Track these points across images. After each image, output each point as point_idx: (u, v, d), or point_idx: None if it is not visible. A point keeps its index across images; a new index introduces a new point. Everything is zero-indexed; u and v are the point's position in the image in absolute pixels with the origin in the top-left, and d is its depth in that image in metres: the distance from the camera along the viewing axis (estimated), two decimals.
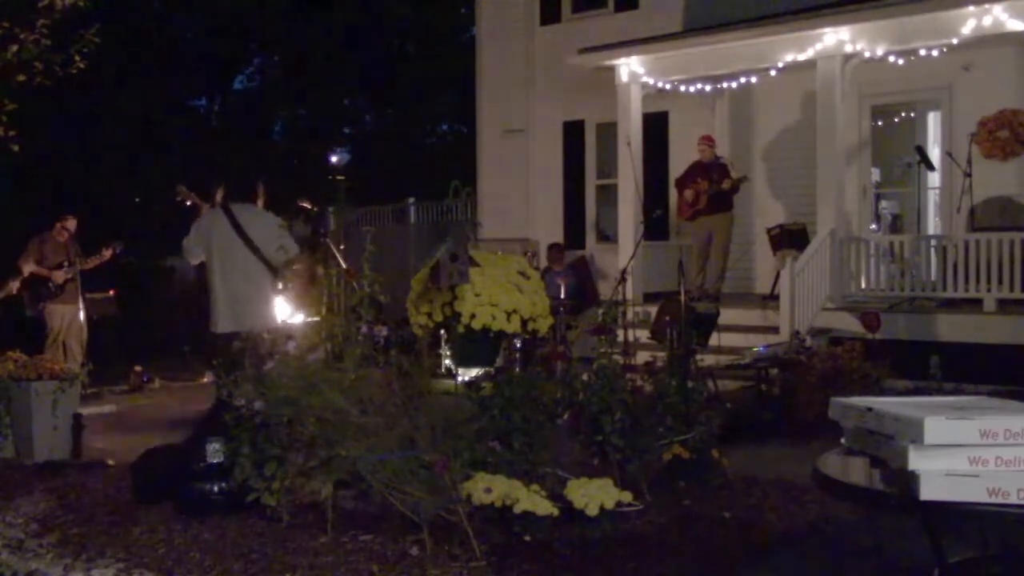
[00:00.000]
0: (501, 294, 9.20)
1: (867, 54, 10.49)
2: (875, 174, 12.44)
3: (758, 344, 9.05)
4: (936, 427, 2.64)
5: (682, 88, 12.42)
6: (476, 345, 9.27)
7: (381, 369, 5.28)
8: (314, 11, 26.74)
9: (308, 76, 27.60)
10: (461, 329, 9.17)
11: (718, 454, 5.88)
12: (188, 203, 7.62)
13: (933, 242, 10.41)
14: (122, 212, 20.53)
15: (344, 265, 8.55)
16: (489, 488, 4.81)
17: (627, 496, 5.05)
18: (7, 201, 18.13)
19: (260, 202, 6.80)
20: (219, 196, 6.80)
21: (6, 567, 4.88)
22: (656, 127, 13.15)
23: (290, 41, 27.55)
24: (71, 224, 10.38)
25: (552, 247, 12.77)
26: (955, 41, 9.95)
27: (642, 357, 8.47)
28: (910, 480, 2.65)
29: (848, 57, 10.56)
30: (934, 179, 11.72)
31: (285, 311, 7.54)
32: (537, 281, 9.91)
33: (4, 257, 10.66)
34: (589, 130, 14.46)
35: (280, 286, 6.77)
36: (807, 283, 10.11)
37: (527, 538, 4.76)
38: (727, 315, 9.87)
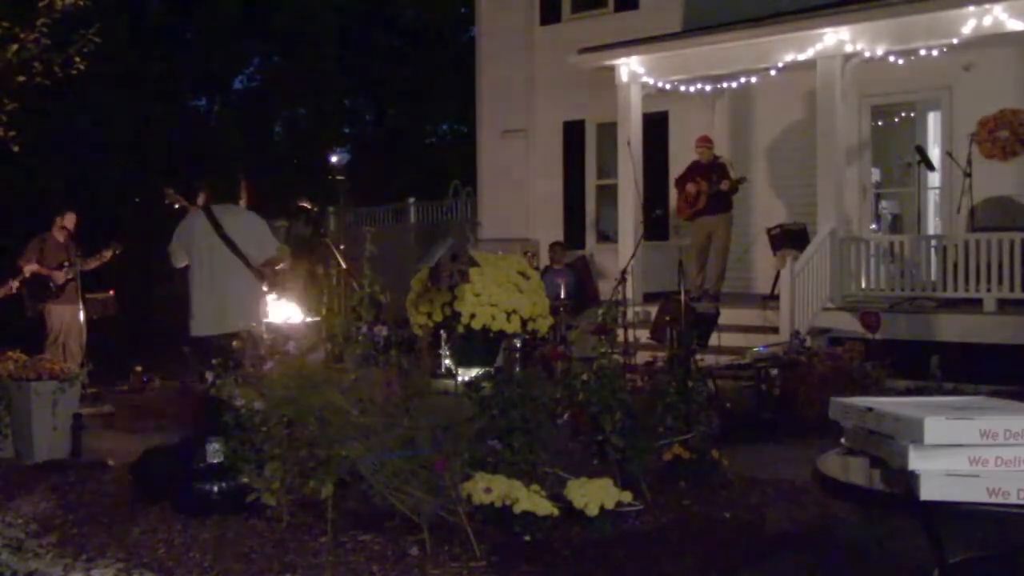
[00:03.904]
0: (501, 294, 9.19)
1: (867, 54, 10.49)
2: (875, 174, 12.44)
3: (758, 344, 9.05)
4: (936, 427, 2.63)
5: (682, 88, 12.42)
6: (476, 345, 9.26)
7: (381, 369, 5.28)
8: (314, 11, 26.76)
9: (308, 76, 27.61)
10: (461, 329, 9.16)
11: (718, 454, 5.88)
12: (176, 206, 7.59)
13: (933, 242, 10.41)
14: (122, 212, 20.55)
15: (344, 265, 8.56)
16: (489, 488, 4.81)
17: (627, 496, 5.05)
18: (6, 201, 18.14)
19: (243, 202, 6.73)
20: (202, 198, 6.75)
21: (6, 567, 4.88)
22: (656, 127, 13.15)
23: (290, 41, 27.57)
24: (70, 221, 10.37)
25: (553, 245, 12.78)
26: (955, 41, 9.95)
27: (642, 357, 8.49)
28: (910, 480, 2.65)
29: (848, 57, 10.56)
30: (934, 179, 11.72)
31: (277, 311, 7.51)
32: (537, 281, 9.90)
33: (4, 257, 10.67)
34: (589, 130, 14.46)
35: (266, 287, 6.70)
36: (807, 283, 10.11)
37: (527, 538, 4.76)
38: (727, 315, 9.86)
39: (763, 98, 12.73)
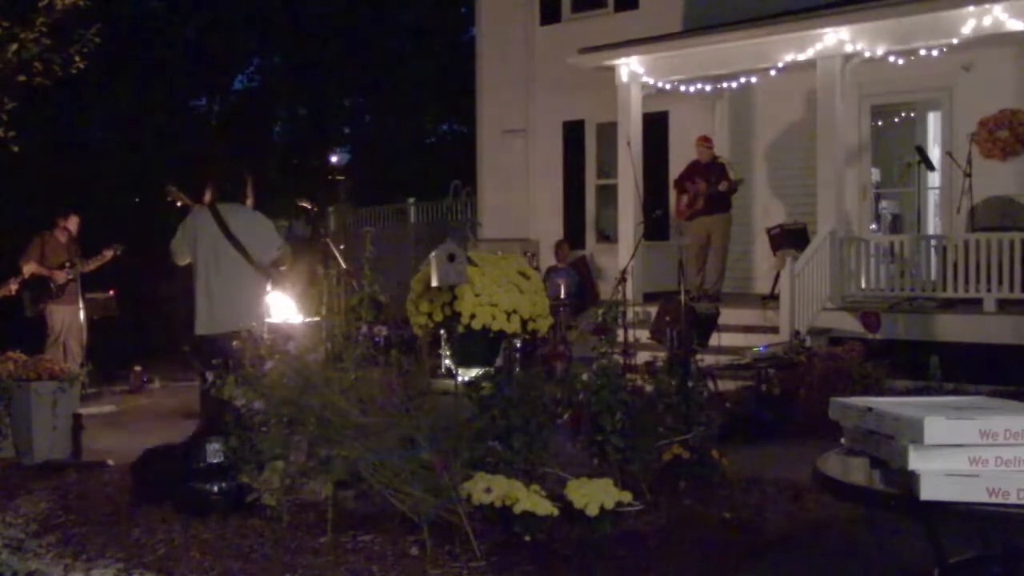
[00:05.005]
0: (501, 294, 9.18)
1: (867, 54, 10.49)
2: (875, 174, 12.44)
3: (758, 344, 9.05)
4: (936, 427, 2.64)
5: (682, 88, 12.42)
6: (476, 345, 9.25)
7: (381, 369, 5.28)
8: (314, 11, 26.76)
9: (308, 76, 27.62)
10: (461, 329, 9.15)
11: (718, 454, 5.87)
12: (179, 203, 7.57)
13: (933, 242, 10.40)
14: (122, 212, 20.55)
15: (344, 265, 8.55)
16: (489, 488, 4.81)
17: (627, 496, 5.04)
18: (6, 201, 18.14)
19: (249, 201, 6.71)
20: (208, 196, 6.73)
21: (6, 567, 4.89)
22: (656, 127, 13.15)
23: (290, 41, 27.57)
24: (72, 223, 10.38)
25: (559, 243, 12.81)
26: (955, 41, 9.94)
27: (642, 357, 8.49)
28: (910, 480, 2.65)
29: (848, 57, 10.56)
30: (934, 179, 11.72)
31: (279, 311, 7.52)
32: (537, 281, 9.90)
33: (3, 257, 10.66)
34: (589, 130, 14.46)
35: (269, 287, 6.68)
36: (807, 283, 10.11)
37: (527, 538, 4.76)
38: (727, 315, 9.86)
39: (763, 98, 12.72)
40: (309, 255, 9.93)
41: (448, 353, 9.76)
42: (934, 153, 11.50)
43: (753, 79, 12.07)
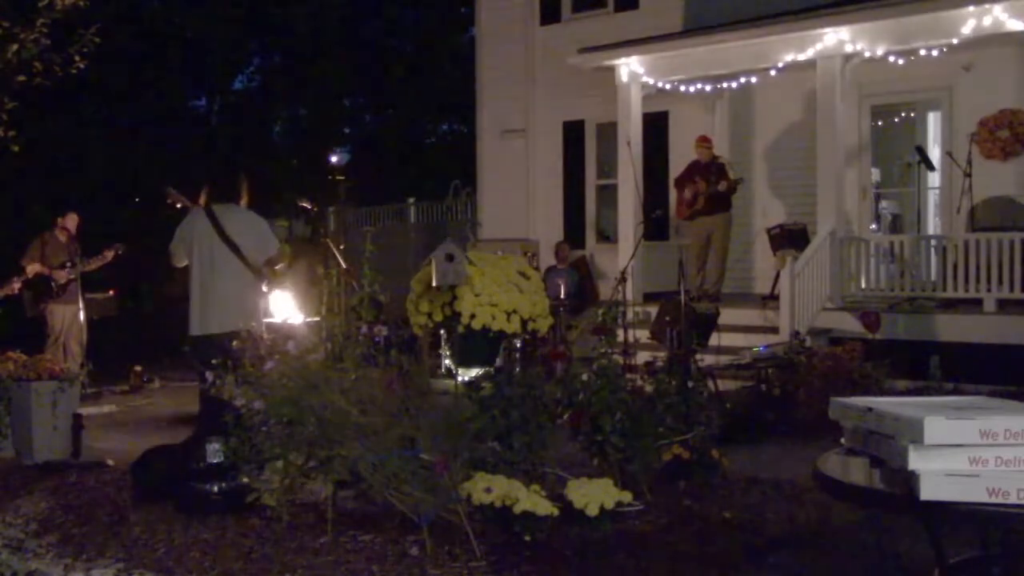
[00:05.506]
0: (501, 294, 9.19)
1: (867, 54, 10.49)
2: (875, 174, 12.44)
3: (758, 344, 9.04)
4: (936, 427, 2.64)
5: (682, 88, 12.41)
6: (476, 345, 9.26)
7: (381, 369, 5.28)
8: (314, 11, 26.76)
9: (308, 76, 27.62)
10: (461, 329, 9.16)
11: (718, 454, 5.88)
12: (179, 205, 7.58)
13: (933, 242, 10.41)
14: (122, 212, 20.56)
15: (344, 265, 8.56)
16: (489, 488, 4.81)
17: (627, 496, 5.05)
18: (6, 201, 18.16)
19: (243, 201, 6.71)
20: (203, 197, 6.73)
21: (6, 567, 4.89)
22: (656, 127, 13.15)
23: (290, 41, 27.56)
24: (71, 222, 10.39)
25: (559, 244, 12.81)
26: (955, 41, 9.94)
27: (642, 357, 8.50)
28: (910, 480, 2.65)
29: (848, 57, 10.56)
30: (934, 179, 11.72)
31: (279, 311, 7.51)
32: (537, 281, 9.91)
33: (3, 256, 10.68)
34: (589, 130, 14.46)
35: (264, 287, 6.69)
36: (807, 283, 10.11)
37: (527, 538, 4.76)
38: (727, 315, 9.86)
39: (763, 98, 12.72)
40: (309, 255, 9.95)
41: (448, 353, 9.76)
42: (934, 153, 11.50)
43: (753, 79, 12.07)
